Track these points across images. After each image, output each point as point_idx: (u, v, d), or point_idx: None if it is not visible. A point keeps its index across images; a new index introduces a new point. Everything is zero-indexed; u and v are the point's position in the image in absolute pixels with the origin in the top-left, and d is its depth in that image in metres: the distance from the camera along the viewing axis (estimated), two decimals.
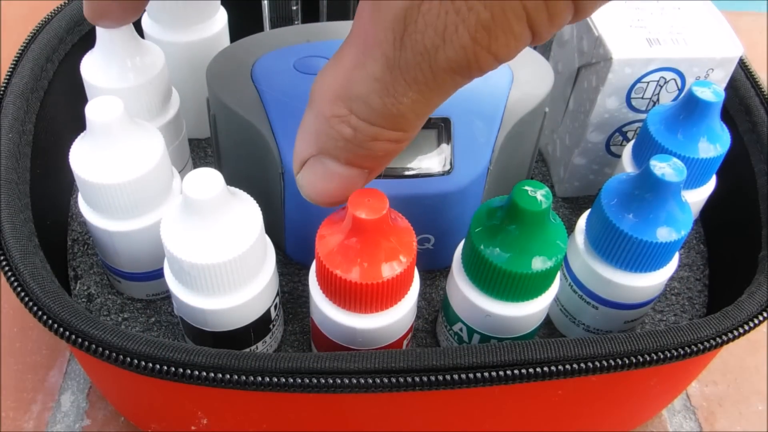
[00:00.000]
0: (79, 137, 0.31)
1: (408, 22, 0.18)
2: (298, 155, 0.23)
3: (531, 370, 0.26)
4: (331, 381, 0.26)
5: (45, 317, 0.27)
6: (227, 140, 0.37)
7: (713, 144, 0.34)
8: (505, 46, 0.18)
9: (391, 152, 0.21)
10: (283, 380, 0.26)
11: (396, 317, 0.29)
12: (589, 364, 0.27)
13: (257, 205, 0.29)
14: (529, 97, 0.34)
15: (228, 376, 0.26)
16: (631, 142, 0.38)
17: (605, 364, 0.27)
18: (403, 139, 0.21)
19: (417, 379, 0.26)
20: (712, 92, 0.33)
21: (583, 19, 0.19)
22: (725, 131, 0.35)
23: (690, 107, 0.34)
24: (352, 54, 0.20)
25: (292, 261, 0.39)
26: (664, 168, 0.29)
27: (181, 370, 0.26)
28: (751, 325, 0.29)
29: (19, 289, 0.28)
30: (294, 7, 0.45)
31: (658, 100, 0.37)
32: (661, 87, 0.37)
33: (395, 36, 0.18)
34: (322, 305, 0.29)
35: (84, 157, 0.30)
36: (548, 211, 0.27)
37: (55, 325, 0.27)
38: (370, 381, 0.26)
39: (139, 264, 0.34)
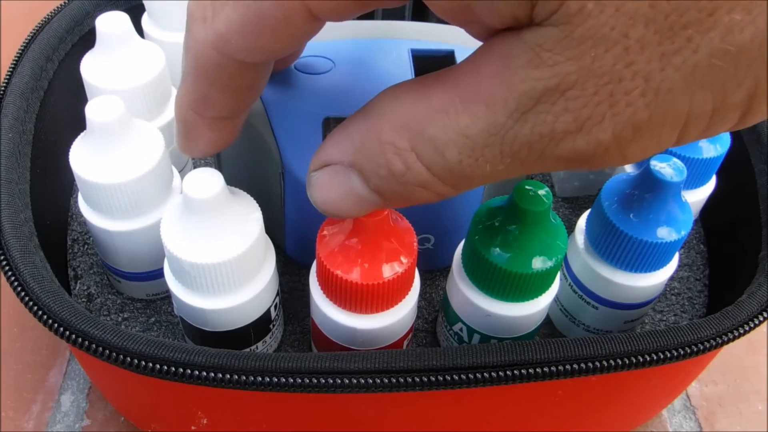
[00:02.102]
0: (79, 137, 0.31)
1: (543, 100, 0.16)
2: (323, 155, 0.21)
3: (531, 370, 0.26)
4: (331, 381, 0.26)
5: (45, 317, 0.27)
6: None
7: (713, 144, 0.34)
8: (643, 151, 0.17)
9: (427, 201, 0.20)
10: (283, 380, 0.26)
11: (396, 317, 0.29)
12: (589, 364, 0.27)
13: (257, 204, 0.29)
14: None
15: (228, 376, 0.26)
16: None
17: (605, 364, 0.27)
18: (448, 196, 0.20)
19: (417, 379, 0.26)
20: None
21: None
22: None
23: None
24: (444, 95, 0.18)
25: (292, 261, 0.39)
26: (664, 168, 0.29)
27: (181, 370, 0.26)
28: (751, 325, 0.29)
29: (19, 288, 0.28)
30: None
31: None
32: None
33: (518, 107, 0.17)
34: (323, 305, 0.29)
35: (84, 157, 0.30)
36: (548, 211, 0.27)
37: (55, 325, 0.27)
38: (370, 381, 0.26)
39: (139, 264, 0.34)
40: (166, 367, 0.26)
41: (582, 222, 0.34)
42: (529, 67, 0.16)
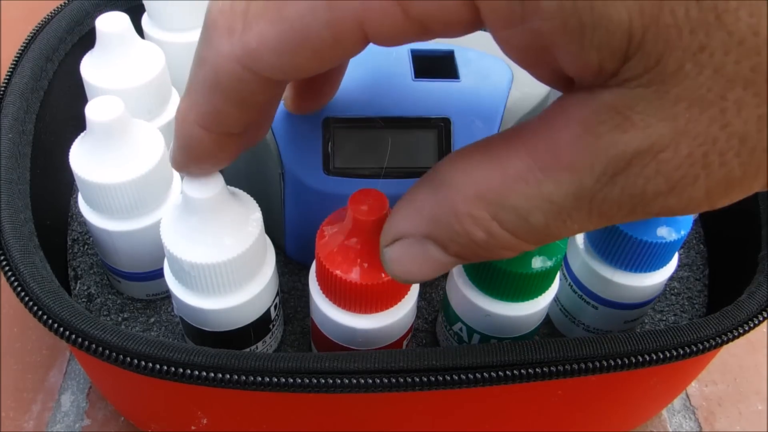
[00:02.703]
0: (79, 137, 0.31)
1: (634, 163, 0.16)
2: (394, 229, 0.21)
3: (531, 370, 0.26)
4: (331, 381, 0.26)
5: (45, 317, 0.27)
6: None
7: None
8: (730, 200, 0.16)
9: (509, 257, 0.20)
10: (283, 380, 0.26)
11: (396, 317, 0.29)
12: (589, 364, 0.27)
13: (257, 205, 0.29)
14: (529, 97, 0.34)
15: (228, 376, 0.26)
16: None
17: (605, 364, 0.27)
18: (529, 249, 0.19)
19: (417, 379, 0.26)
20: None
21: None
22: None
23: None
24: (520, 163, 0.17)
25: (292, 261, 0.39)
26: None
27: (181, 370, 0.26)
28: (751, 325, 0.29)
29: (19, 288, 0.28)
30: None
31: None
32: None
33: (606, 172, 0.16)
34: (322, 305, 0.29)
35: (84, 157, 0.30)
36: None
37: (55, 325, 0.27)
38: (370, 381, 0.26)
39: (139, 264, 0.34)
40: (166, 367, 0.26)
41: None
42: (617, 131, 0.16)
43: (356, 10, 0.17)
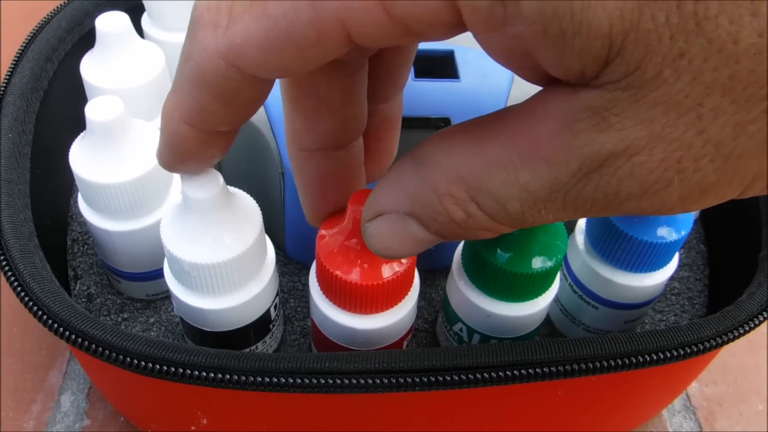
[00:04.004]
0: (79, 137, 0.31)
1: (608, 164, 0.16)
2: (377, 206, 0.21)
3: (531, 370, 0.26)
4: (331, 381, 0.26)
5: (45, 317, 0.27)
6: None
7: None
8: (703, 206, 0.17)
9: (488, 237, 0.20)
10: (283, 380, 0.26)
11: (396, 318, 0.29)
12: (589, 365, 0.27)
13: (257, 204, 0.29)
14: (529, 97, 0.34)
15: (228, 376, 0.26)
16: None
17: (605, 364, 0.27)
18: (507, 232, 0.20)
19: (417, 379, 0.26)
20: None
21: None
22: None
23: None
24: (500, 149, 0.17)
25: (292, 261, 0.39)
26: None
27: (180, 370, 0.26)
28: (751, 325, 0.29)
29: (18, 289, 0.28)
30: None
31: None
32: None
33: (581, 168, 0.16)
34: (322, 306, 0.29)
35: (84, 157, 0.30)
36: None
37: (55, 325, 0.27)
38: (370, 381, 0.26)
39: (139, 264, 0.34)
40: (165, 368, 0.26)
41: (582, 222, 0.34)
42: (594, 131, 0.16)
43: (338, 9, 0.17)
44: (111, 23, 0.33)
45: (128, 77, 0.35)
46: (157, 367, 0.26)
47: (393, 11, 0.16)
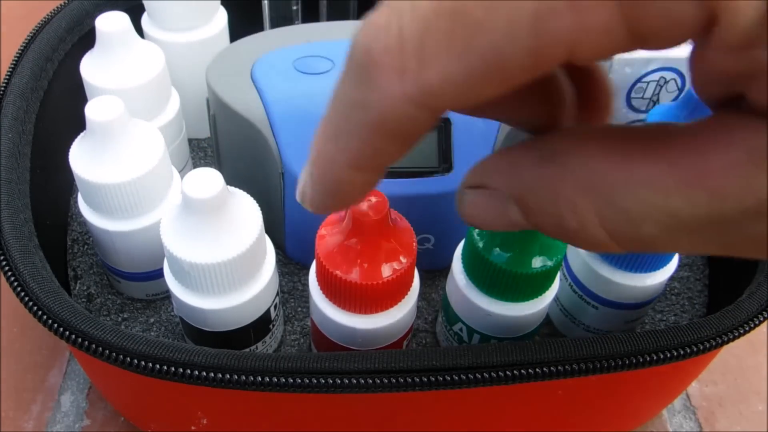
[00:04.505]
0: (79, 137, 0.31)
1: None
2: (482, 177, 0.20)
3: (531, 370, 0.26)
4: (331, 381, 0.26)
5: (45, 317, 0.27)
6: (227, 140, 0.37)
7: None
8: None
9: (588, 249, 0.19)
10: (283, 380, 0.26)
11: (396, 317, 0.29)
12: (589, 365, 0.27)
13: (257, 204, 0.29)
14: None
15: (228, 376, 0.26)
16: None
17: (605, 364, 0.27)
18: (613, 252, 0.19)
19: (417, 379, 0.26)
20: None
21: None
22: None
23: (690, 107, 0.34)
24: (653, 169, 0.16)
25: (292, 261, 0.39)
26: None
27: (180, 370, 0.26)
28: (751, 325, 0.29)
29: (18, 289, 0.28)
30: (294, 7, 0.45)
31: (658, 100, 0.37)
32: (661, 87, 0.37)
33: (757, 208, 0.15)
34: (322, 305, 0.29)
35: (84, 157, 0.30)
36: None
37: (55, 325, 0.27)
38: (370, 381, 0.26)
39: (139, 264, 0.34)
40: (165, 368, 0.26)
41: None
42: None
43: (569, 32, 0.15)
44: (111, 23, 0.33)
45: (128, 77, 0.35)
46: (157, 367, 0.26)
47: (638, 27, 0.15)
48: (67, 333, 0.27)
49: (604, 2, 0.14)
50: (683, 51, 0.37)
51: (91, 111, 0.29)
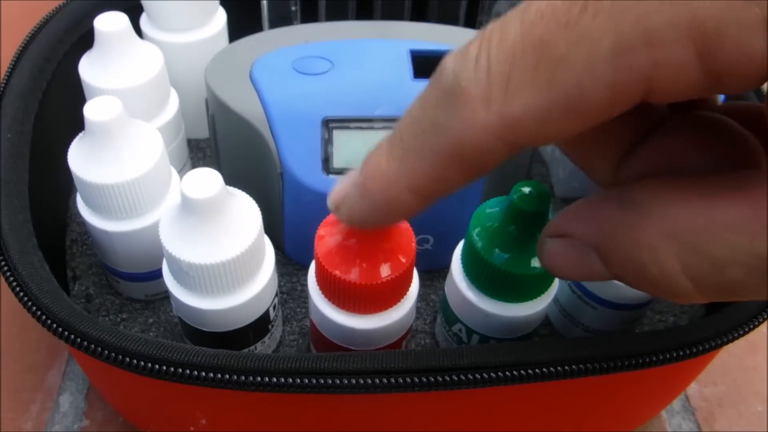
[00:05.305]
0: (78, 138, 0.31)
1: None
2: (564, 226, 0.20)
3: (530, 370, 0.26)
4: (330, 381, 0.26)
5: (44, 317, 0.27)
6: (226, 140, 0.37)
7: None
8: None
9: (667, 300, 0.19)
10: (282, 381, 0.26)
11: (395, 318, 0.29)
12: (588, 365, 0.27)
13: (256, 205, 0.29)
14: None
15: (227, 376, 0.26)
16: None
17: (604, 365, 0.27)
18: (697, 302, 0.19)
19: (416, 379, 0.26)
20: None
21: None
22: None
23: None
24: (737, 212, 0.16)
25: (291, 261, 0.39)
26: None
27: (179, 370, 0.26)
28: (751, 325, 0.29)
29: (18, 289, 0.28)
30: (293, 8, 0.45)
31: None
32: None
33: None
34: (321, 306, 0.29)
35: (82, 158, 0.30)
36: (547, 212, 0.27)
37: (54, 326, 0.27)
38: (369, 381, 0.26)
39: (138, 264, 0.34)
40: (164, 368, 0.26)
41: None
42: None
43: (645, 68, 0.15)
44: (110, 23, 0.33)
45: (127, 78, 0.34)
46: (156, 367, 0.26)
47: (712, 64, 0.15)
48: (66, 333, 0.27)
49: (679, 39, 0.15)
50: None
51: (89, 111, 0.29)
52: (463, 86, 0.17)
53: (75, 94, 0.37)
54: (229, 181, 0.29)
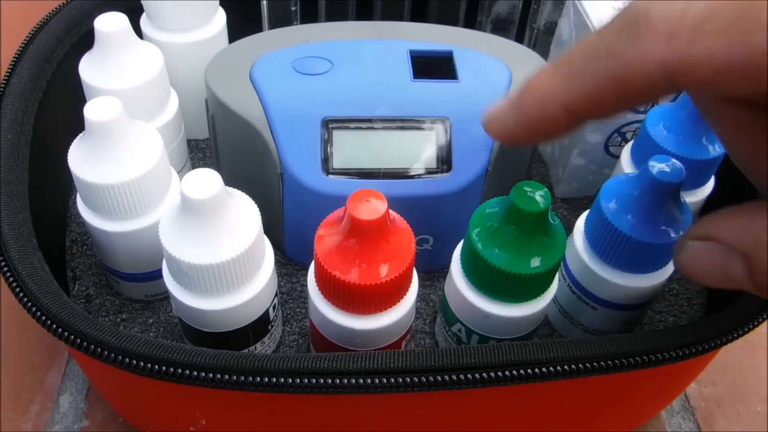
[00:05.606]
0: (78, 138, 0.31)
1: None
2: (711, 229, 0.20)
3: (530, 370, 0.26)
4: (330, 382, 0.26)
5: (44, 318, 0.27)
6: (226, 141, 0.37)
7: (713, 144, 0.34)
8: None
9: None
10: (282, 381, 0.26)
11: (395, 318, 0.29)
12: (588, 365, 0.27)
13: (256, 205, 0.29)
14: None
15: (226, 376, 0.26)
16: (630, 143, 0.38)
17: (604, 364, 0.27)
18: None
19: (416, 379, 0.26)
20: None
21: None
22: None
23: (689, 107, 0.34)
24: None
25: (291, 262, 0.39)
26: (663, 168, 0.29)
27: (179, 370, 0.26)
28: (750, 325, 0.29)
29: (17, 289, 0.28)
30: (293, 8, 0.45)
31: (656, 101, 0.37)
32: None
33: None
34: (321, 306, 0.29)
35: (82, 158, 0.30)
36: (547, 212, 0.27)
37: (54, 326, 0.27)
38: (369, 382, 0.26)
39: (138, 265, 0.34)
40: (164, 368, 0.26)
41: (581, 223, 0.34)
42: None
43: None
44: (110, 24, 0.33)
45: (127, 78, 0.34)
46: (156, 367, 0.26)
47: None
48: (66, 333, 0.27)
49: None
50: None
51: (89, 112, 0.29)
52: (652, 17, 0.18)
53: (75, 95, 0.37)
54: (229, 181, 0.29)
